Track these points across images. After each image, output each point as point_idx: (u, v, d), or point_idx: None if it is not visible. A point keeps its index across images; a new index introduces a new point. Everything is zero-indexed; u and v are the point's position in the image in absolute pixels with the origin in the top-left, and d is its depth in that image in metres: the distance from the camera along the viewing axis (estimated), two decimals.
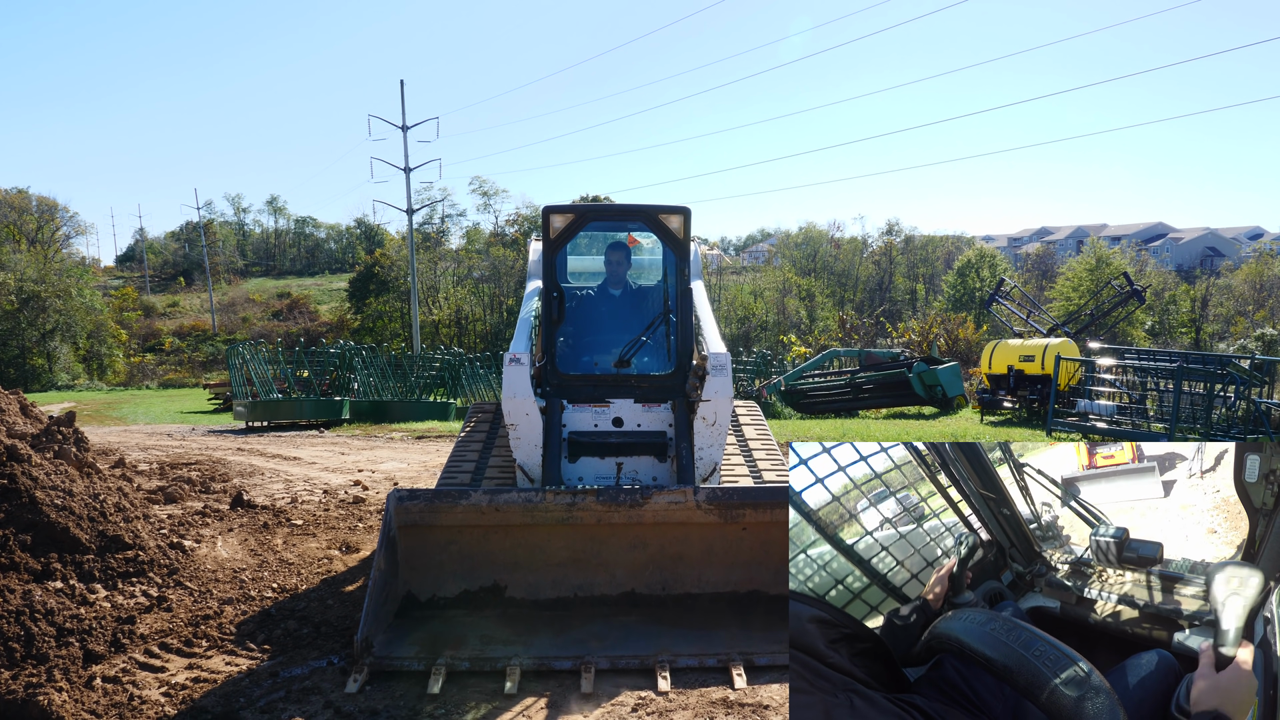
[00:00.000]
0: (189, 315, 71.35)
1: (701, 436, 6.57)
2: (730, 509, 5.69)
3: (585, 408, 6.96)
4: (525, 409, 6.68)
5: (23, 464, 7.00)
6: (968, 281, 55.06)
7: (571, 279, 8.10)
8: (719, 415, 6.50)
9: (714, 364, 6.57)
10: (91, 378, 45.39)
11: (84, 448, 8.44)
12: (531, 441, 6.71)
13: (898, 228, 66.73)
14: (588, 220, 7.32)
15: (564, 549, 5.76)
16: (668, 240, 7.24)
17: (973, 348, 34.89)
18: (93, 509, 7.22)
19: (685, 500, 5.72)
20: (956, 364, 24.58)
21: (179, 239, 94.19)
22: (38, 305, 43.54)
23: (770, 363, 29.59)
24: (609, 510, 5.75)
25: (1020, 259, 71.56)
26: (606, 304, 7.55)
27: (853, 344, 37.49)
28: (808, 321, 54.29)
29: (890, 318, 52.53)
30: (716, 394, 6.46)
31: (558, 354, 7.30)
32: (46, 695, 4.42)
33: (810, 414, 24.13)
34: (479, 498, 5.69)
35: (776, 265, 66.98)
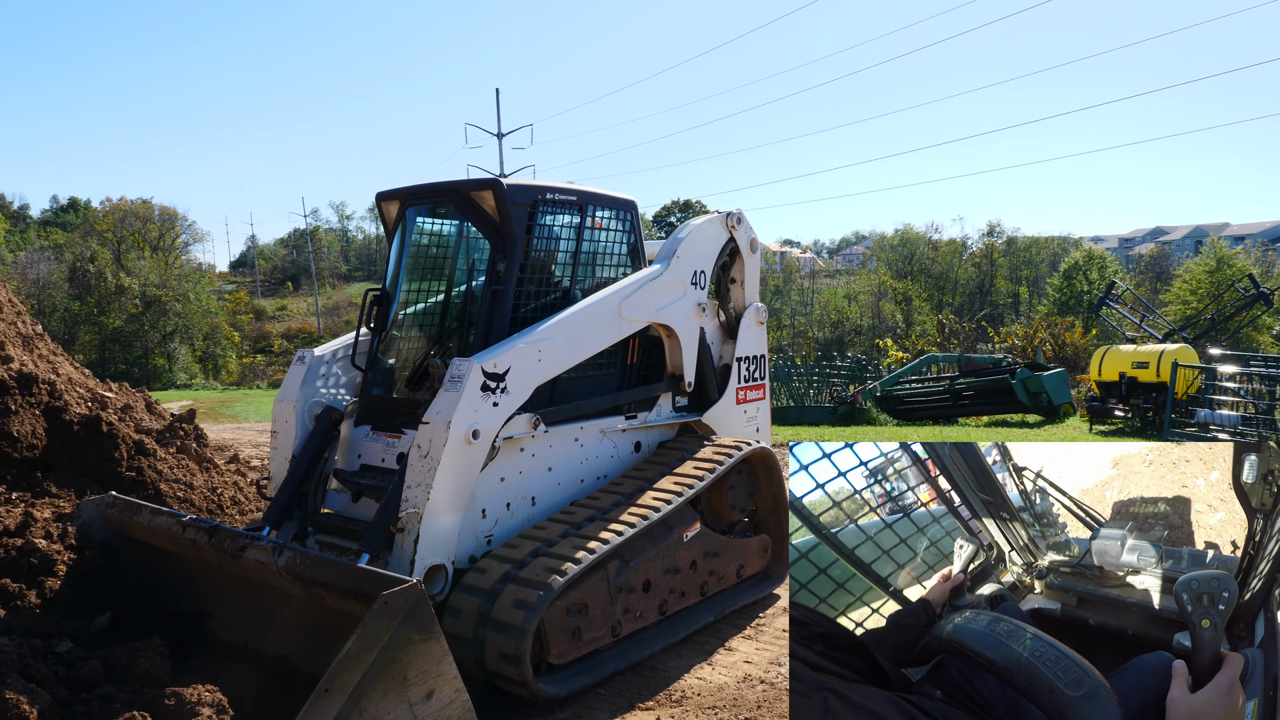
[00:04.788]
0: (296, 318, 74.14)
1: (410, 472, 5.17)
2: (307, 585, 4.49)
3: (380, 437, 5.99)
4: (285, 415, 6.05)
5: (149, 458, 7.38)
6: (1075, 284, 52.91)
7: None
8: (433, 444, 5.09)
9: (450, 374, 5.29)
10: (207, 377, 47.61)
11: (203, 444, 8.85)
12: (283, 453, 6.00)
13: (999, 229, 64.56)
14: (407, 204, 6.37)
15: (178, 578, 5.38)
16: (479, 223, 5.94)
17: (1081, 353, 33.47)
18: (211, 501, 7.56)
19: (267, 561, 4.63)
20: (1063, 370, 23.65)
21: (287, 245, 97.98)
22: (159, 309, 45.94)
23: (865, 368, 29.01)
24: (215, 552, 4.93)
25: (1132, 260, 68.49)
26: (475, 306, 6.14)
27: (952, 349, 36.44)
28: (904, 326, 53.05)
29: (991, 322, 50.89)
30: (436, 415, 5.15)
31: (380, 371, 6.30)
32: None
33: (907, 420, 23.57)
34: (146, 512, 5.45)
35: (871, 268, 65.68)
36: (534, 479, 5.99)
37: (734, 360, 7.53)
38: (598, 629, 5.41)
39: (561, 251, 6.32)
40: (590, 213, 6.42)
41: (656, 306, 6.61)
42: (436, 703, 3.85)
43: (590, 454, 6.42)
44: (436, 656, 3.84)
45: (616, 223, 6.73)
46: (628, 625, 5.65)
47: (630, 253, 6.83)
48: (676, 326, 6.81)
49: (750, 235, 7.62)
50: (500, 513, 5.76)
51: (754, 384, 7.76)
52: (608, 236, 6.66)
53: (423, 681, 3.79)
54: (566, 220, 6.31)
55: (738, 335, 7.59)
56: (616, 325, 6.28)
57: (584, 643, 5.32)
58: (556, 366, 5.83)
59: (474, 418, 5.18)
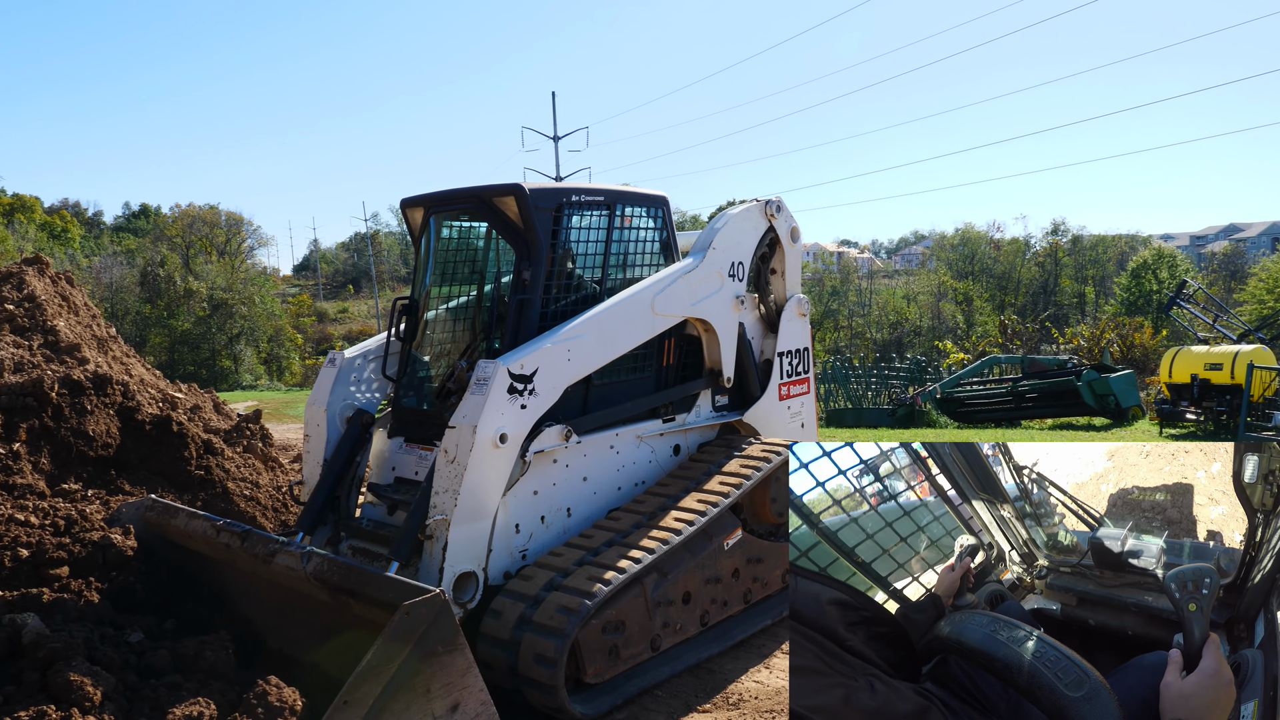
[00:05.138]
0: (357, 320, 75.51)
1: (437, 478, 5.07)
2: (334, 592, 4.45)
3: (414, 449, 5.88)
4: (316, 419, 5.94)
5: (217, 457, 7.57)
6: (1143, 284, 51.41)
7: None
8: (459, 449, 4.97)
9: (476, 376, 5.12)
10: (271, 378, 48.74)
11: (268, 443, 9.06)
12: (315, 458, 5.91)
13: (1064, 227, 62.98)
14: (432, 211, 6.25)
15: (216, 579, 5.37)
16: (503, 229, 5.80)
17: (1150, 355, 32.49)
18: (276, 500, 7.72)
19: (296, 568, 4.58)
20: (1131, 372, 22.97)
21: (348, 249, 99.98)
22: (226, 312, 47.17)
23: (925, 370, 28.54)
24: (247, 555, 4.91)
25: (1204, 259, 66.33)
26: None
27: (1014, 350, 35.65)
28: (965, 327, 52.08)
29: (1056, 323, 49.67)
30: (462, 419, 5.02)
31: (411, 380, 6.19)
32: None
33: (968, 423, 23.13)
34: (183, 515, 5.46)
35: (931, 268, 64.64)
36: (568, 490, 5.83)
37: (775, 355, 7.27)
38: (636, 645, 5.29)
39: (590, 254, 6.15)
40: (619, 211, 6.25)
41: (692, 300, 6.40)
42: (461, 715, 3.75)
43: (627, 460, 6.24)
44: (461, 669, 3.74)
45: (647, 219, 6.54)
46: (667, 639, 5.52)
47: (662, 249, 6.66)
48: (714, 321, 6.60)
49: (791, 224, 7.35)
50: (534, 526, 5.62)
51: (797, 379, 7.47)
52: (638, 234, 6.49)
53: (446, 694, 3.70)
54: (595, 221, 6.14)
55: (779, 329, 7.33)
56: (650, 321, 6.07)
57: (622, 660, 5.20)
58: (587, 365, 5.66)
59: (501, 421, 5.06)
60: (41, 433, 6.79)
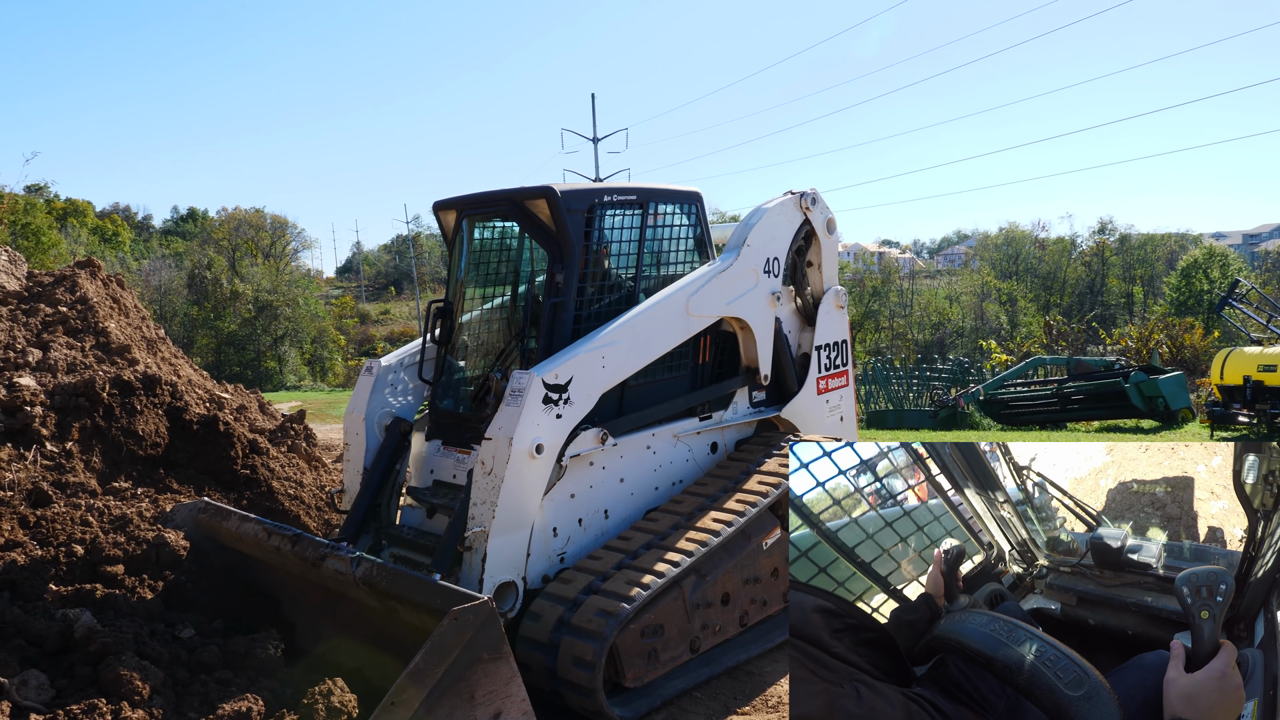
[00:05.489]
0: (398, 322, 76.34)
1: (475, 489, 5.10)
2: (382, 597, 4.49)
3: (451, 453, 5.91)
4: (355, 428, 5.97)
5: (262, 456, 7.68)
6: (1194, 283, 50.26)
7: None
8: (496, 461, 4.98)
9: (511, 387, 5.13)
10: (315, 379, 49.43)
11: (312, 443, 9.18)
12: (355, 466, 5.97)
13: (1111, 226, 61.78)
14: (464, 214, 6.26)
15: (264, 581, 5.46)
16: (535, 232, 5.79)
17: (1201, 356, 31.73)
18: (319, 499, 7.82)
19: (345, 572, 4.63)
20: (1181, 374, 22.44)
21: (390, 251, 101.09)
22: (270, 313, 47.93)
23: (968, 371, 28.16)
24: (297, 559, 4.97)
25: (1258, 257, 64.64)
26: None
27: (1060, 351, 35.05)
28: (1008, 327, 51.27)
29: (1103, 323, 48.72)
30: (498, 431, 5.03)
31: (447, 381, 6.23)
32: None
33: (1011, 425, 22.76)
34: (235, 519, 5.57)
35: (974, 268, 63.76)
36: (605, 492, 5.84)
37: (813, 348, 7.20)
38: (675, 648, 5.29)
39: (624, 253, 6.14)
40: (652, 209, 6.23)
41: (727, 300, 6.37)
42: None
43: (664, 460, 6.23)
44: (505, 677, 3.81)
45: (681, 216, 6.52)
46: (706, 640, 5.51)
47: (697, 245, 6.63)
48: (750, 319, 6.57)
49: (827, 215, 7.25)
50: (572, 529, 5.64)
51: (836, 372, 7.39)
52: (672, 232, 6.47)
53: (490, 701, 3.75)
54: (628, 220, 6.12)
55: (816, 321, 7.24)
56: (685, 323, 6.06)
57: (661, 663, 5.20)
58: (622, 371, 5.66)
59: (536, 432, 5.08)
60: (93, 432, 6.95)
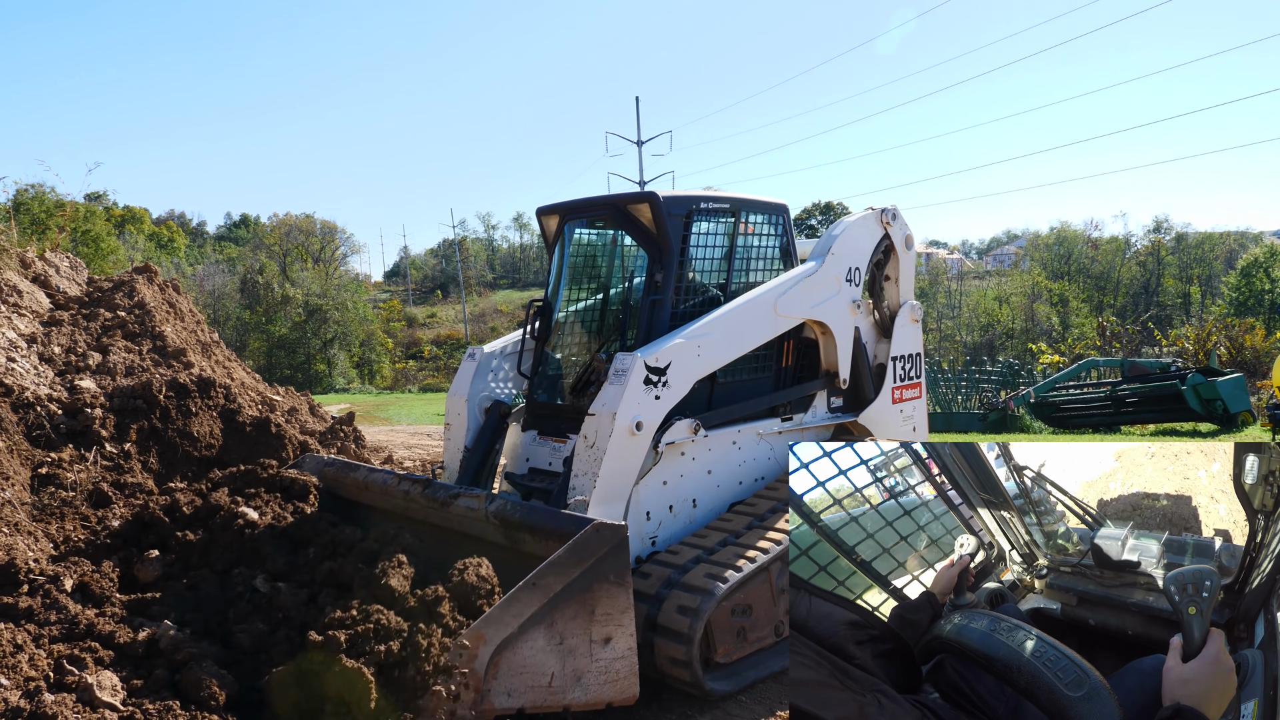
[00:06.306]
0: (445, 325, 77.23)
1: (577, 461, 5.38)
2: (512, 529, 4.75)
3: (547, 441, 6.22)
4: (457, 409, 6.39)
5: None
6: (1254, 283, 48.90)
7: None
8: (599, 435, 5.28)
9: (615, 367, 5.46)
10: (363, 382, 50.22)
11: (361, 445, 9.31)
12: (456, 445, 6.37)
13: (1166, 225, 60.52)
14: (567, 218, 6.63)
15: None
16: (638, 235, 6.13)
17: (1261, 358, 30.82)
18: None
19: (478, 508, 4.92)
20: (1241, 376, 21.77)
21: (437, 255, 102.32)
22: (320, 317, 48.81)
23: (1018, 373, 27.67)
24: (425, 501, 5.27)
25: None
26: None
27: (1113, 353, 34.32)
28: (1060, 329, 50.30)
29: (1158, 324, 47.57)
30: (602, 407, 5.34)
31: (544, 376, 6.60)
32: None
33: (1063, 428, 22.30)
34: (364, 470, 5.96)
35: (1025, 269, 62.70)
36: (694, 482, 6.10)
37: (889, 359, 7.44)
38: (761, 629, 5.48)
39: (715, 258, 6.46)
40: (743, 218, 6.53)
41: (811, 303, 6.61)
42: (611, 651, 3.99)
43: (748, 456, 6.47)
44: (623, 605, 4.02)
45: (768, 226, 6.82)
46: (785, 628, 5.71)
47: (782, 255, 6.91)
48: (831, 323, 6.79)
49: (905, 231, 7.51)
50: (663, 515, 5.90)
51: (910, 383, 7.63)
52: (760, 240, 6.77)
53: (606, 623, 3.96)
54: (720, 227, 6.44)
55: (892, 334, 7.49)
56: (773, 321, 6.33)
57: (749, 642, 5.41)
58: (715, 361, 5.93)
59: (637, 410, 5.36)
60: (150, 433, 7.12)
